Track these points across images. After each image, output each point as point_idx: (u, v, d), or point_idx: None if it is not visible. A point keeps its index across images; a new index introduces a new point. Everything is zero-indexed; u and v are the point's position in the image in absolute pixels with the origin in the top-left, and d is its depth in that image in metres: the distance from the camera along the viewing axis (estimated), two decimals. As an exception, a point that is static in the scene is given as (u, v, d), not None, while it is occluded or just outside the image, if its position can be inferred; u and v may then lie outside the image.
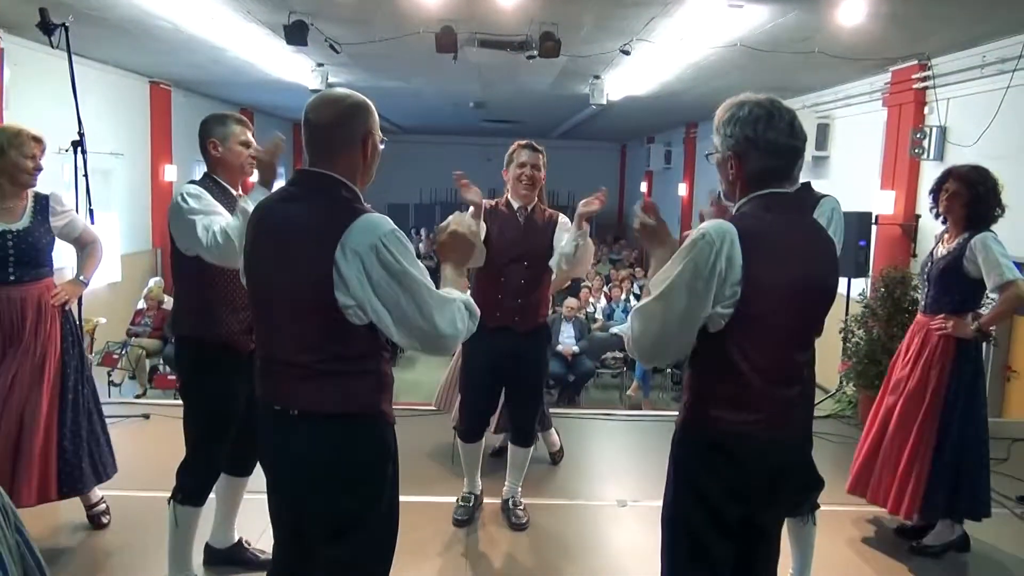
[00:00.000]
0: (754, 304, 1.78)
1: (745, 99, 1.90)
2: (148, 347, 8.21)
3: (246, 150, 2.83)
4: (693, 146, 13.63)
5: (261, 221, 1.92)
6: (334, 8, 5.66)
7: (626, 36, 6.23)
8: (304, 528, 1.95)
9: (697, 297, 1.77)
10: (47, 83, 6.64)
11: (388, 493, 1.93)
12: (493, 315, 3.42)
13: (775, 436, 1.88)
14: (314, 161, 1.88)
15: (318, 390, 1.82)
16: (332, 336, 1.80)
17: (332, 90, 1.95)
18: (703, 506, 1.87)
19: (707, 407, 1.87)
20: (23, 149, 3.09)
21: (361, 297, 1.76)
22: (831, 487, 3.02)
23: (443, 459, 4.34)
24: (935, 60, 6.35)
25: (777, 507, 1.99)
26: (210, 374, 2.77)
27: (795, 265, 1.84)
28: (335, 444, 1.84)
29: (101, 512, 3.50)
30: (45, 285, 3.23)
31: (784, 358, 1.88)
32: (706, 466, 1.88)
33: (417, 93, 10.62)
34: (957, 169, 3.37)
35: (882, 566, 3.43)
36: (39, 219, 3.19)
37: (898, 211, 6.74)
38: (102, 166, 7.96)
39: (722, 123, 1.92)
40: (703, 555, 1.89)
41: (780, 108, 1.87)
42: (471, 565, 3.35)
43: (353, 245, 1.74)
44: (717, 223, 1.80)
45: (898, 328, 5.59)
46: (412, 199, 19.48)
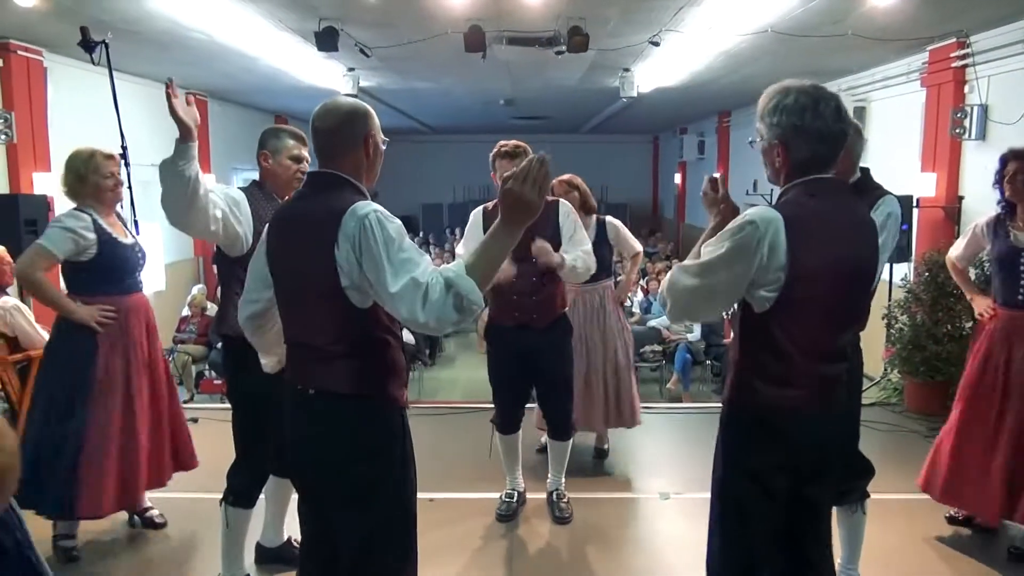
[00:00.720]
0: (797, 288, 1.86)
1: (790, 86, 1.92)
2: (194, 353, 8.40)
3: (295, 164, 2.89)
4: (727, 135, 13.46)
5: (278, 220, 2.11)
6: (363, 13, 5.71)
7: (655, 27, 6.18)
8: (321, 497, 2.06)
9: (733, 276, 1.88)
10: (88, 98, 6.82)
11: (396, 474, 2.03)
12: (511, 315, 3.46)
13: (819, 412, 1.96)
14: (322, 163, 2.06)
15: (332, 371, 1.97)
16: (340, 320, 1.94)
17: (334, 99, 2.11)
18: (750, 479, 1.96)
19: (752, 384, 1.96)
20: (100, 170, 3.24)
21: (358, 280, 1.87)
22: (881, 476, 2.97)
23: (485, 456, 4.37)
24: (974, 37, 6.18)
25: (824, 482, 2.03)
26: (255, 373, 2.82)
27: (837, 249, 1.90)
28: (342, 422, 1.98)
29: (155, 514, 3.63)
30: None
31: (826, 338, 1.96)
32: (752, 440, 1.97)
33: (447, 93, 10.67)
34: (1015, 150, 3.27)
35: (934, 554, 3.38)
36: (132, 233, 3.45)
37: (940, 193, 6.58)
38: (143, 177, 8.10)
39: (767, 111, 1.95)
40: (750, 526, 1.97)
41: (825, 95, 1.91)
42: (514, 557, 3.38)
43: (344, 231, 1.87)
44: (764, 210, 1.89)
45: (942, 312, 5.48)
46: (446, 199, 19.56)
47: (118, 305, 3.26)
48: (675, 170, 16.81)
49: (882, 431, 5.06)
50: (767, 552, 1.98)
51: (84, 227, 3.15)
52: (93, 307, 3.19)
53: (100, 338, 3.21)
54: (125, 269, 3.31)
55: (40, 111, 6.59)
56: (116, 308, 3.25)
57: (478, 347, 10.31)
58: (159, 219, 8.59)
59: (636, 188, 19.82)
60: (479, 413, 5.02)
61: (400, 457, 2.04)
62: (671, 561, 3.37)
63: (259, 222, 2.74)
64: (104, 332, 3.21)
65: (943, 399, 5.60)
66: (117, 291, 3.28)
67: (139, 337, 3.35)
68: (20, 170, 6.39)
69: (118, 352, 3.26)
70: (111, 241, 3.23)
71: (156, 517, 3.63)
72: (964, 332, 5.43)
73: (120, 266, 3.28)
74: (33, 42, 6.40)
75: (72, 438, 3.15)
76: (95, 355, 3.20)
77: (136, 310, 3.35)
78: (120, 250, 3.27)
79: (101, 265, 3.21)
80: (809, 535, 2.03)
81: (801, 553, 2.01)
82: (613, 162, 18.76)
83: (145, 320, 3.40)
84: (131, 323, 3.32)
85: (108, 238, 3.22)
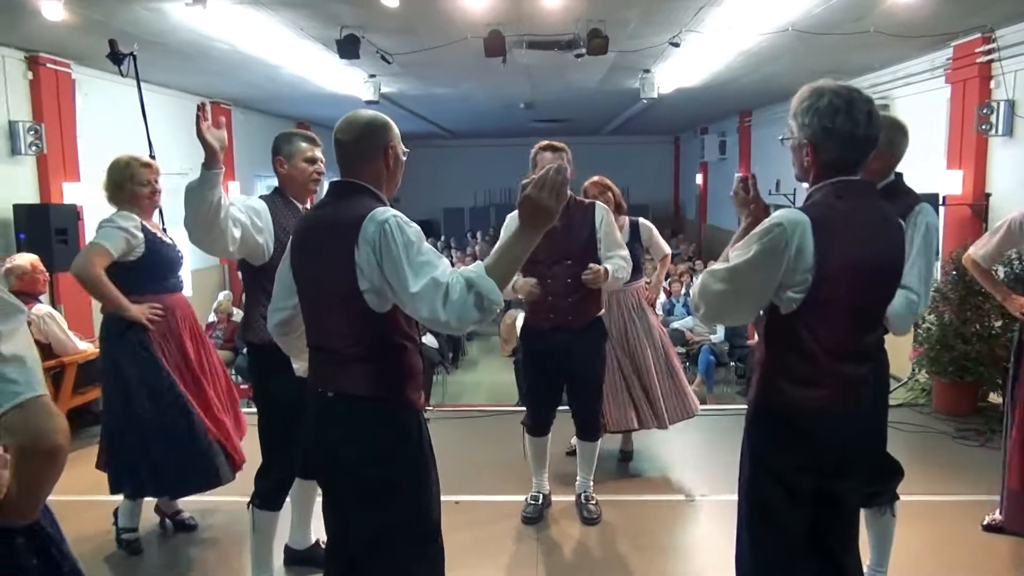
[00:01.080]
0: (824, 289, 1.87)
1: (824, 87, 1.93)
2: (220, 358, 8.49)
3: (311, 167, 2.92)
4: (748, 134, 13.38)
5: (301, 227, 2.19)
6: (384, 20, 5.77)
7: (674, 28, 6.17)
8: (341, 497, 2.10)
9: (763, 278, 1.90)
10: (116, 109, 6.95)
11: (412, 476, 2.06)
12: (547, 317, 3.46)
13: (843, 411, 1.97)
14: (344, 173, 2.11)
15: (350, 374, 2.01)
16: (359, 324, 1.99)
17: (355, 112, 2.15)
18: (776, 480, 1.98)
19: (777, 384, 1.98)
20: (137, 178, 3.33)
21: (378, 284, 1.92)
22: (909, 478, 2.95)
23: (513, 459, 4.39)
24: (999, 32, 6.10)
25: (847, 481, 2.03)
26: (281, 379, 2.86)
27: (864, 251, 1.91)
28: (360, 424, 2.02)
29: (186, 517, 3.70)
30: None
31: (851, 338, 1.97)
32: (777, 441, 1.99)
33: (467, 97, 10.72)
34: None
35: (963, 559, 3.33)
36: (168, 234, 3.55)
37: (967, 191, 6.50)
38: (169, 185, 8.23)
39: (800, 111, 1.96)
40: (778, 526, 1.99)
41: (860, 98, 1.91)
42: (542, 559, 3.39)
43: (364, 236, 1.92)
44: (791, 212, 1.90)
45: (971, 311, 5.41)
46: (467, 203, 19.62)
47: (164, 303, 3.35)
48: (696, 170, 16.73)
49: (910, 432, 5.00)
50: (795, 553, 1.99)
51: (135, 226, 3.26)
52: (144, 305, 3.29)
53: (151, 334, 3.31)
54: (171, 268, 3.42)
55: (69, 122, 6.73)
56: (163, 306, 3.34)
57: (501, 351, 10.33)
58: (186, 227, 8.51)
59: (657, 189, 19.74)
60: (503, 416, 5.04)
61: (416, 459, 2.08)
62: (700, 563, 3.36)
63: (281, 230, 2.78)
64: (155, 328, 3.31)
65: (972, 400, 5.53)
66: (163, 289, 3.38)
67: (183, 334, 3.45)
68: (51, 180, 6.53)
69: (170, 348, 3.38)
70: (157, 241, 3.35)
71: (187, 520, 3.69)
72: (993, 332, 5.36)
73: (166, 264, 3.40)
74: (62, 55, 6.54)
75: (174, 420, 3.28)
76: (151, 348, 3.31)
77: (181, 308, 3.47)
78: (165, 249, 3.38)
79: (149, 264, 3.31)
80: (834, 534, 2.04)
81: (828, 553, 2.02)
82: (634, 163, 18.69)
83: (190, 318, 3.52)
84: (177, 319, 3.43)
85: (154, 238, 3.33)
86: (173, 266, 3.44)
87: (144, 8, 5.12)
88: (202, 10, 4.90)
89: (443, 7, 5.41)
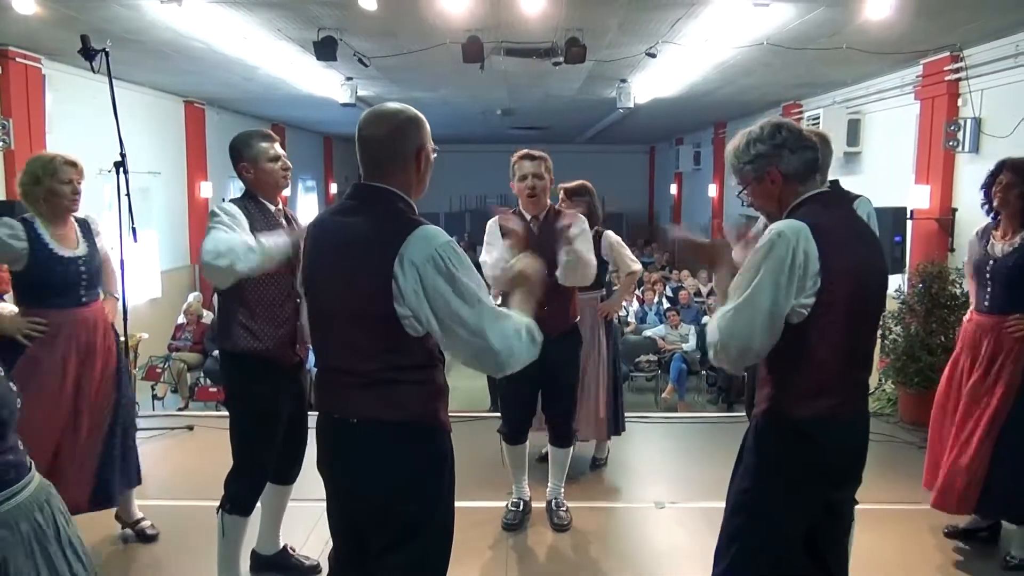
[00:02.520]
0: (833, 292, 1.88)
1: (746, 130, 2.05)
2: (189, 361, 8.39)
3: (277, 164, 2.86)
4: (722, 146, 13.51)
5: (320, 235, 1.96)
6: (362, 22, 5.75)
7: (652, 39, 6.23)
8: (361, 535, 1.96)
9: (782, 293, 1.86)
10: (87, 106, 6.84)
11: (444, 499, 1.96)
12: None
13: (852, 419, 2.01)
14: (369, 175, 1.92)
15: (377, 399, 1.85)
16: (390, 346, 1.83)
17: (384, 105, 1.97)
18: (787, 491, 1.96)
19: (789, 396, 1.97)
20: (58, 175, 3.11)
21: (416, 308, 1.78)
22: (873, 486, 2.99)
23: (486, 465, 4.38)
24: (967, 51, 6.24)
25: (849, 488, 2.08)
26: (254, 387, 2.83)
27: (859, 253, 1.96)
28: (394, 452, 1.87)
29: (147, 526, 3.55)
30: (100, 305, 3.37)
31: (862, 340, 2.01)
32: (791, 453, 1.97)
33: (445, 103, 10.71)
34: (1012, 161, 3.28)
35: (929, 565, 3.39)
36: (91, 242, 3.27)
37: (934, 205, 6.63)
38: (140, 185, 8.16)
39: (739, 155, 2.04)
40: (779, 536, 1.98)
41: (783, 119, 2.05)
42: (513, 565, 3.38)
43: (410, 256, 1.77)
44: (787, 222, 1.92)
45: (936, 323, 5.51)
46: (442, 208, 19.57)
47: (51, 320, 3.10)
48: (671, 180, 16.86)
49: (876, 441, 4.99)
50: (793, 564, 1.99)
51: (11, 235, 3.02)
52: (23, 320, 3.06)
53: (29, 350, 3.06)
54: (56, 283, 3.11)
55: (38, 119, 6.60)
56: (48, 323, 3.09)
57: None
58: (156, 227, 8.62)
59: (632, 198, 19.86)
60: (478, 422, 5.03)
61: (448, 482, 1.97)
62: (667, 570, 3.38)
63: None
64: (33, 345, 3.06)
65: (937, 410, 5.63)
66: (52, 306, 3.12)
67: (66, 355, 3.13)
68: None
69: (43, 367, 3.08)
70: (45, 253, 3.08)
71: (147, 529, 3.54)
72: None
73: (50, 280, 3.10)
74: (32, 49, 6.42)
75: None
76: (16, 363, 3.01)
77: (69, 326, 3.15)
78: (53, 263, 3.09)
79: (32, 277, 3.09)
80: (830, 544, 2.05)
81: (821, 562, 2.03)
82: (610, 172, 18.73)
83: (80, 339, 3.18)
84: (59, 341, 3.12)
85: (43, 249, 3.07)
86: (60, 281, 3.12)
87: (119, 4, 5.06)
88: (177, 8, 4.85)
89: (422, 11, 5.41)
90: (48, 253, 3.10)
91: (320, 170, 17.32)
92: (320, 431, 1.99)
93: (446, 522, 1.98)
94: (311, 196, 16.29)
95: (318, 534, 3.36)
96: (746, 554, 2.02)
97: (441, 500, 1.94)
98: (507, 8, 5.33)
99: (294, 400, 2.96)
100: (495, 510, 3.79)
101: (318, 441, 2.00)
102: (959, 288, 5.49)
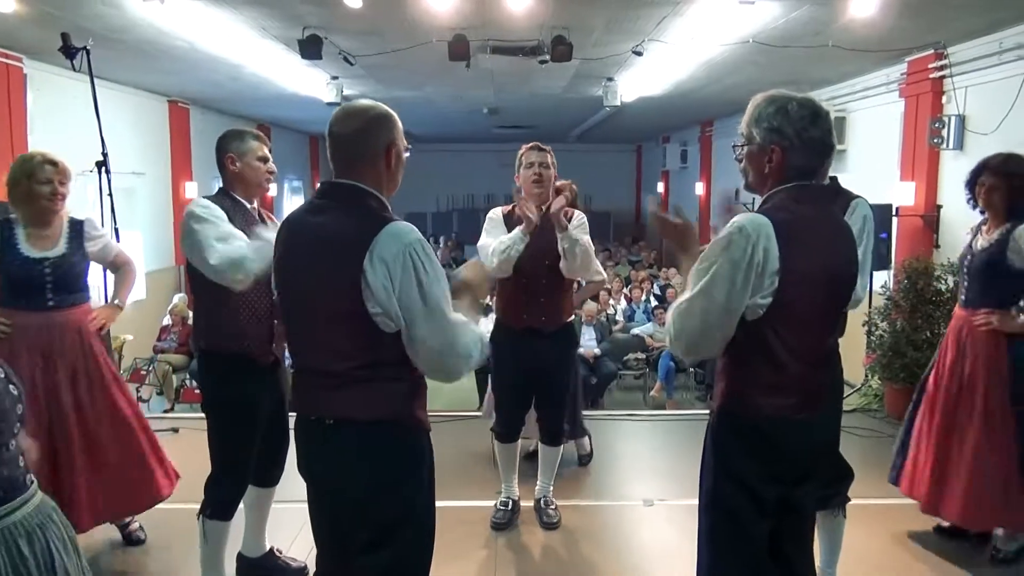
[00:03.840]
0: (790, 291, 1.84)
1: (790, 95, 1.93)
2: (174, 362, 8.32)
3: (264, 165, 2.85)
4: (709, 144, 13.56)
5: (291, 234, 1.95)
6: (347, 21, 5.72)
7: (638, 37, 6.23)
8: (344, 535, 1.95)
9: (737, 289, 1.82)
10: (69, 106, 6.76)
11: (424, 498, 1.96)
12: (520, 317, 3.46)
13: (809, 418, 1.96)
14: (340, 172, 1.91)
15: (353, 398, 1.84)
16: (365, 344, 1.82)
17: (355, 102, 1.96)
18: (743, 489, 1.94)
19: (744, 393, 1.94)
20: (36, 175, 3.05)
21: (387, 305, 1.78)
22: (861, 481, 3.00)
23: (474, 464, 4.37)
24: (951, 48, 6.28)
25: (808, 486, 2.03)
26: (232, 387, 2.80)
27: (824, 253, 1.91)
28: (372, 452, 1.86)
29: (135, 528, 3.52)
30: (83, 310, 3.23)
31: (818, 341, 1.97)
32: (744, 450, 1.94)
33: (431, 102, 10.68)
34: (991, 161, 3.28)
35: (915, 559, 3.40)
36: (75, 245, 3.18)
37: (919, 202, 6.67)
38: (124, 185, 8.07)
39: (766, 115, 1.92)
40: (744, 536, 1.95)
41: (824, 109, 1.93)
42: (503, 564, 3.37)
43: (380, 253, 1.76)
44: (752, 216, 1.86)
45: (922, 319, 5.55)
46: (429, 207, 19.54)
47: (15, 321, 3.05)
48: (658, 179, 16.90)
49: (863, 436, 5.10)
50: (759, 562, 1.97)
51: None
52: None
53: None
54: (18, 284, 3.06)
55: (20, 118, 6.52)
56: (12, 324, 3.04)
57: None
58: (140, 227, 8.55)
59: (619, 197, 19.91)
60: (466, 422, 5.02)
61: (428, 481, 1.97)
62: (658, 567, 3.38)
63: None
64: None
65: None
66: (24, 307, 3.06)
67: (27, 357, 3.04)
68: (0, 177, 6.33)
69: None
70: (12, 253, 3.04)
71: (136, 532, 3.51)
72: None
73: (13, 280, 3.06)
74: (13, 48, 6.35)
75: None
76: None
77: (36, 329, 3.08)
78: (17, 264, 3.04)
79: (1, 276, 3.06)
80: (792, 540, 2.03)
81: (785, 559, 2.01)
82: (597, 171, 18.79)
83: (42, 342, 3.09)
84: (19, 343, 3.05)
85: (11, 250, 3.04)
86: (23, 285, 3.05)
87: (100, 2, 5.00)
88: (160, 6, 4.80)
89: (407, 10, 5.39)
90: (15, 254, 3.05)
91: (306, 170, 17.26)
92: (298, 433, 1.99)
93: (425, 521, 1.98)
94: (299, 197, 16.21)
95: (305, 536, 3.31)
96: (717, 554, 2.01)
97: (420, 499, 1.94)
98: (493, 6, 5.31)
99: (273, 400, 2.92)
100: (484, 509, 3.78)
101: (296, 443, 2.00)
102: (944, 284, 5.53)
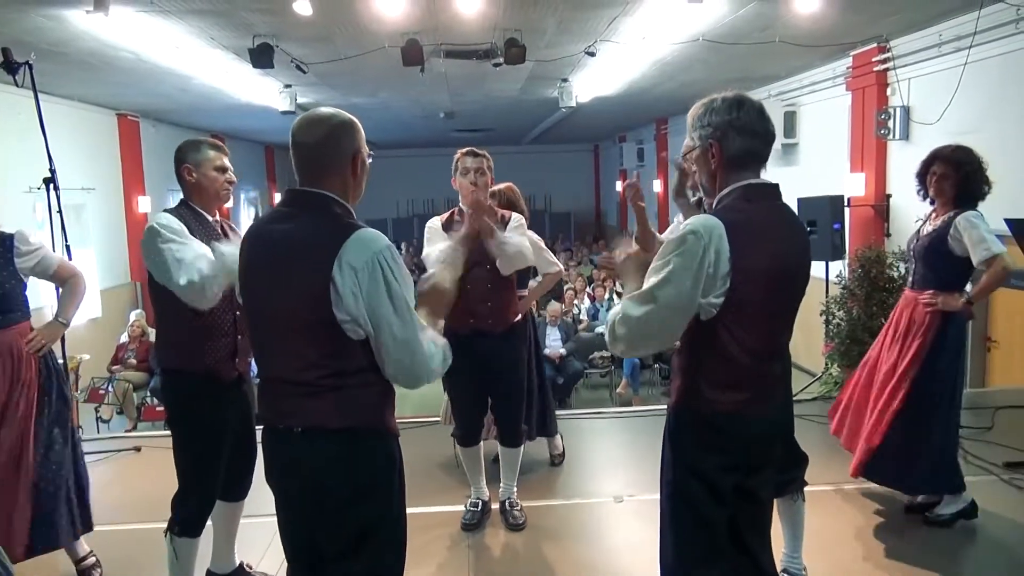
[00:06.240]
0: (743, 291, 1.87)
1: (715, 95, 2.00)
2: (134, 380, 8.15)
3: (222, 175, 2.80)
4: (665, 142, 13.73)
5: (256, 244, 1.93)
6: (298, 29, 5.67)
7: (590, 38, 6.29)
8: (316, 545, 1.93)
9: (686, 292, 1.84)
10: (11, 122, 6.59)
11: (396, 504, 1.96)
12: (466, 322, 3.43)
13: (763, 411, 2.01)
14: (305, 181, 1.89)
15: (321, 407, 1.83)
16: (333, 352, 1.81)
17: (317, 110, 1.93)
18: (700, 480, 1.99)
19: (700, 388, 1.98)
20: None
21: (355, 312, 1.77)
22: (820, 468, 3.06)
23: (441, 470, 4.35)
24: (894, 42, 6.46)
25: (763, 474, 2.08)
26: (196, 404, 2.76)
27: (777, 251, 1.94)
28: (341, 459, 1.85)
29: (91, 566, 3.29)
30: (18, 331, 3.07)
31: (771, 338, 2.01)
32: (701, 444, 2.00)
33: (387, 107, 10.64)
34: (941, 151, 3.38)
35: (876, 541, 3.48)
36: (1, 263, 3.01)
37: (869, 192, 6.83)
38: (74, 201, 7.90)
39: (697, 118, 2.00)
40: (705, 524, 2.01)
41: (748, 97, 1.99)
42: (474, 566, 3.36)
43: (349, 260, 1.75)
44: (704, 218, 1.89)
45: (877, 306, 5.68)
46: (389, 213, 19.47)
47: None
48: (616, 178, 17.06)
49: (824, 424, 5.18)
50: (718, 550, 2.02)
51: None
52: None
53: None
54: None
55: (-38, 136, 6.35)
56: None
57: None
58: (92, 244, 8.36)
59: (579, 197, 20.05)
60: (429, 428, 5.00)
61: (399, 487, 1.96)
62: (626, 562, 3.40)
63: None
64: None
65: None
66: None
67: None
68: (-58, 197, 6.16)
69: None
70: None
71: (91, 570, 3.27)
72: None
73: None
74: (-48, 65, 6.17)
75: None
76: None
77: None
78: None
79: None
80: (753, 527, 2.07)
81: (745, 548, 2.05)
82: (555, 172, 18.94)
83: None
84: None
85: None
86: None
87: (42, 15, 4.89)
88: (104, 18, 4.70)
89: (358, 16, 5.36)
90: None
91: (263, 180, 17.05)
92: (266, 444, 1.96)
93: (398, 527, 1.98)
94: (254, 209, 16.00)
95: (275, 549, 3.28)
96: (678, 542, 2.06)
97: (392, 505, 1.94)
98: (444, 9, 5.32)
99: (239, 415, 2.88)
100: (453, 514, 3.77)
101: (264, 454, 1.97)
102: (896, 271, 5.67)
